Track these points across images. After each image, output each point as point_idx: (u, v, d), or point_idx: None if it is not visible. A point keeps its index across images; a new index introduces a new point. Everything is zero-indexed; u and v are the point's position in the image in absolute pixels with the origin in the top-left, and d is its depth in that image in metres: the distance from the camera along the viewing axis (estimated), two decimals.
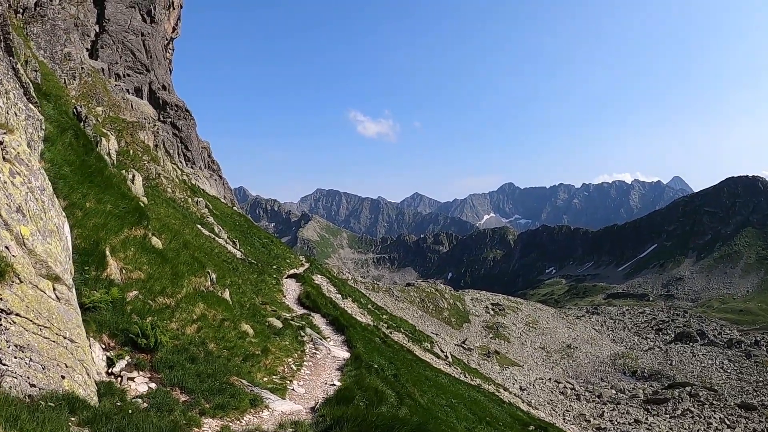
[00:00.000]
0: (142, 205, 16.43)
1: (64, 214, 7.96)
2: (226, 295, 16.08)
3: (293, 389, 11.71)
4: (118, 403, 6.33)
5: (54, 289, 5.69)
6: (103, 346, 8.73)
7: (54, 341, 5.03)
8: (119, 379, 8.28)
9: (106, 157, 22.23)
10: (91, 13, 64.19)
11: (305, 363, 15.26)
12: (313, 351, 17.93)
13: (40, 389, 4.51)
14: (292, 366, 13.99)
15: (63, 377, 4.94)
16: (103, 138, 24.28)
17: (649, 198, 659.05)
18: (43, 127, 11.97)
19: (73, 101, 23.24)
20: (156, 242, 13.92)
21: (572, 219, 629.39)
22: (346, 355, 19.27)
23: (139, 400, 7.22)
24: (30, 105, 11.85)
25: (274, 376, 12.08)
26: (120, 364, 8.48)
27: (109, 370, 8.36)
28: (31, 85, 12.30)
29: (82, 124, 21.55)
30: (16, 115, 10.65)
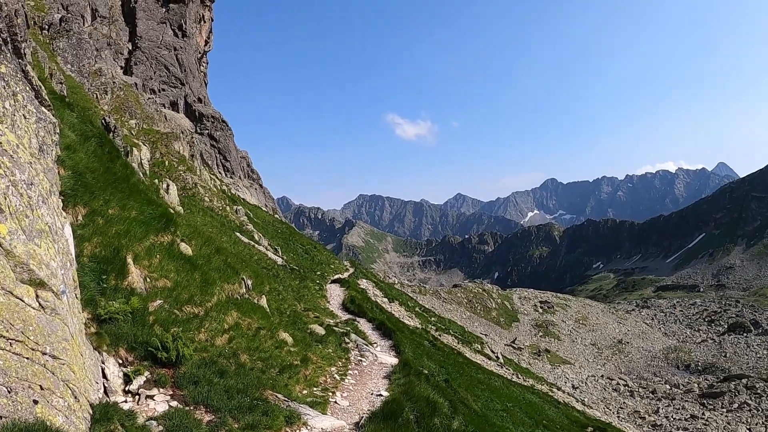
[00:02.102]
0: (172, 212, 15.92)
1: (64, 214, 7.27)
2: (263, 302, 15.34)
3: (336, 402, 10.75)
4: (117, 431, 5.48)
5: (37, 296, 4.90)
6: (120, 361, 8.01)
7: (28, 358, 4.22)
8: (137, 397, 7.52)
9: (136, 166, 22.10)
10: (123, 31, 66.18)
11: (349, 372, 14.32)
12: (359, 358, 16.99)
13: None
14: (335, 375, 13.06)
15: (36, 402, 4.12)
16: (134, 148, 24.27)
17: (695, 186, 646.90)
18: (58, 131, 11.50)
19: (102, 113, 23.25)
20: (185, 248, 13.31)
21: (617, 212, 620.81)
22: (394, 361, 18.28)
23: (153, 423, 6.38)
24: (43, 108, 11.43)
25: (314, 388, 11.16)
26: (138, 381, 7.72)
27: (126, 388, 7.62)
28: (43, 87, 11.94)
29: (111, 134, 21.50)
30: (25, 117, 10.14)
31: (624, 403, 59.73)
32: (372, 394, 12.28)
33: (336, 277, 43.41)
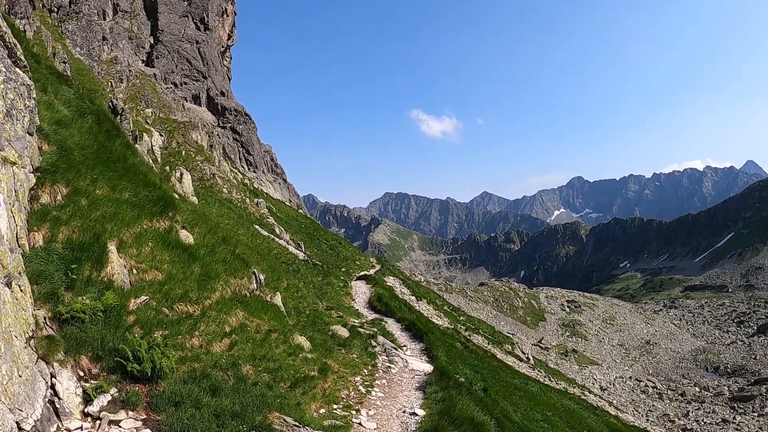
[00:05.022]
0: (175, 195, 14.27)
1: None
2: (277, 299, 13.56)
3: (360, 423, 8.86)
4: None
5: None
6: (81, 374, 6.27)
7: None
8: (98, 422, 5.78)
9: (145, 151, 20.63)
10: (144, 25, 65.73)
11: (377, 382, 12.44)
12: (387, 364, 15.10)
13: None
14: (360, 388, 11.18)
15: None
16: (144, 134, 22.86)
17: (723, 185, 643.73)
18: (34, 96, 9.91)
19: (110, 96, 21.87)
20: (185, 236, 11.59)
21: (644, 210, 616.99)
22: (427, 367, 16.35)
23: None
24: (17, 69, 9.86)
25: (334, 405, 9.29)
26: (100, 401, 5.97)
27: (86, 409, 5.87)
28: (18, 47, 10.33)
29: (117, 117, 20.09)
30: None
31: (653, 405, 59.22)
32: (404, 411, 10.36)
33: (362, 273, 41.68)
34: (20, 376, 4.85)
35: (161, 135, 28.33)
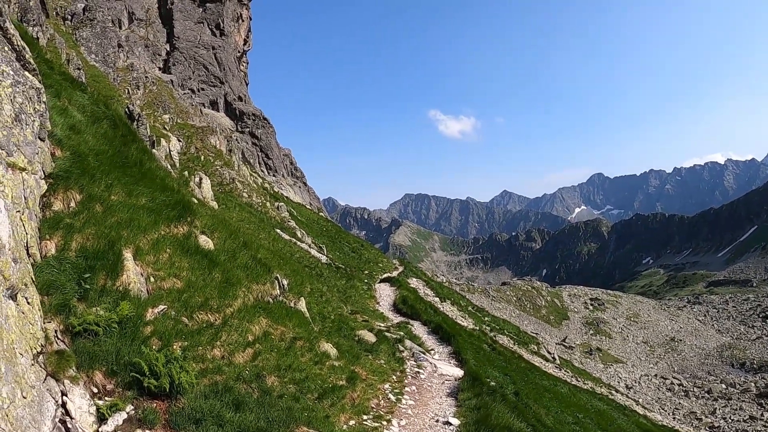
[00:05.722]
0: (193, 200, 13.96)
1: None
2: (302, 305, 13.12)
3: None
4: None
5: None
6: (96, 390, 5.88)
7: None
8: None
9: (162, 156, 20.45)
10: (160, 33, 66.34)
11: (406, 389, 11.91)
12: (416, 370, 14.57)
13: None
14: (390, 396, 10.66)
15: None
16: (162, 139, 22.73)
17: (745, 177, 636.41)
18: (44, 100, 9.62)
19: (127, 102, 21.75)
20: (204, 242, 11.23)
21: (666, 206, 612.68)
22: (457, 372, 15.78)
23: None
24: (26, 73, 9.60)
25: (364, 416, 8.78)
26: (115, 420, 5.56)
27: (99, 429, 5.46)
28: (27, 49, 10.08)
29: (134, 123, 19.94)
30: None
31: (679, 403, 58.96)
32: (437, 421, 9.81)
33: (385, 276, 41.19)
34: (24, 398, 4.44)
35: (179, 140, 28.25)
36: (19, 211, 7.02)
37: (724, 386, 64.63)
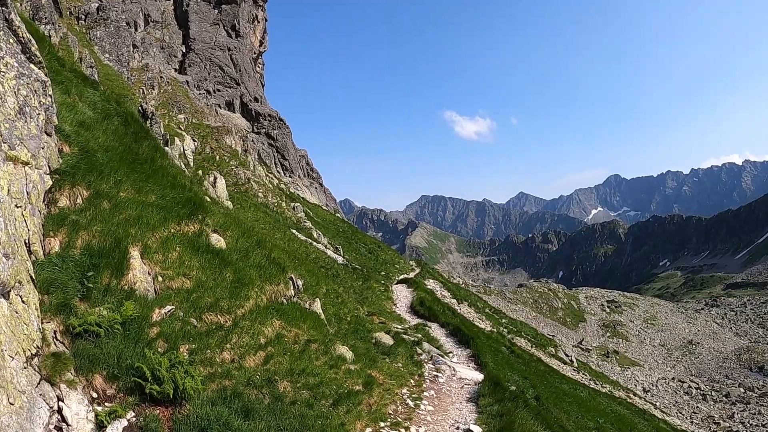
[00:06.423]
0: (206, 198, 13.67)
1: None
2: (317, 306, 12.74)
3: None
4: None
5: None
6: (95, 395, 5.54)
7: None
8: None
9: (176, 155, 20.30)
10: (176, 34, 66.83)
11: (425, 393, 11.46)
12: (434, 374, 14.11)
13: None
14: (408, 401, 10.22)
15: None
16: (176, 138, 22.58)
17: (763, 178, 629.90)
18: (50, 93, 9.39)
19: (140, 101, 21.65)
20: (216, 240, 10.91)
21: (683, 207, 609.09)
22: (476, 375, 15.29)
23: None
24: (31, 65, 9.39)
25: (381, 423, 8.36)
26: (114, 427, 5.20)
27: None
28: (33, 42, 9.86)
29: (148, 122, 19.81)
30: (0, 71, 8.07)
31: (697, 407, 58.54)
32: (457, 428, 9.35)
33: (402, 277, 40.78)
34: (12, 404, 4.10)
35: (194, 140, 28.15)
36: (19, 207, 6.74)
37: (742, 390, 64.15)
